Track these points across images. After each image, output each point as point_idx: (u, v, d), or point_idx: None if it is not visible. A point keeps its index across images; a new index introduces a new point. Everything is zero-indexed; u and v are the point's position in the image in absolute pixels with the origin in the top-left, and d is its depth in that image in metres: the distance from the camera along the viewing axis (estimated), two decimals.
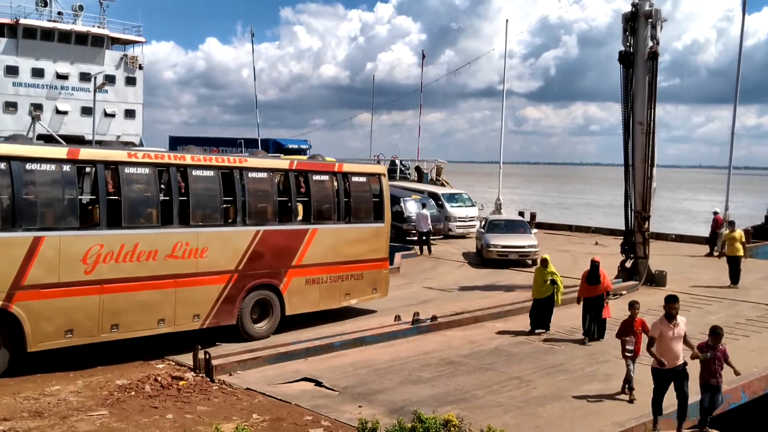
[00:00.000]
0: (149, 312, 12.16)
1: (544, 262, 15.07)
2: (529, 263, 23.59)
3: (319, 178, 14.99)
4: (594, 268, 14.33)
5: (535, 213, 38.23)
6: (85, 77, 47.38)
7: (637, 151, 20.18)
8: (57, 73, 46.96)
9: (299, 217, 14.52)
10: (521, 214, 35.50)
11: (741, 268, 20.69)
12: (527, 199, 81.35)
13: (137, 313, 12.01)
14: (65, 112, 47.24)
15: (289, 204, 14.30)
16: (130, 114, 50.63)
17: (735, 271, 20.65)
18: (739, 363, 10.00)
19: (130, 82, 50.56)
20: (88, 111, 46.74)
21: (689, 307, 16.42)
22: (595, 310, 14.30)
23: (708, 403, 9.68)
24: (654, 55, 19.73)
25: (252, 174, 13.74)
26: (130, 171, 12.05)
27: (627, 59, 20.04)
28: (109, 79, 48.76)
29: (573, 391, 11.21)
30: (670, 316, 9.65)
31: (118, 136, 47.61)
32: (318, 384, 11.26)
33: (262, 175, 14.05)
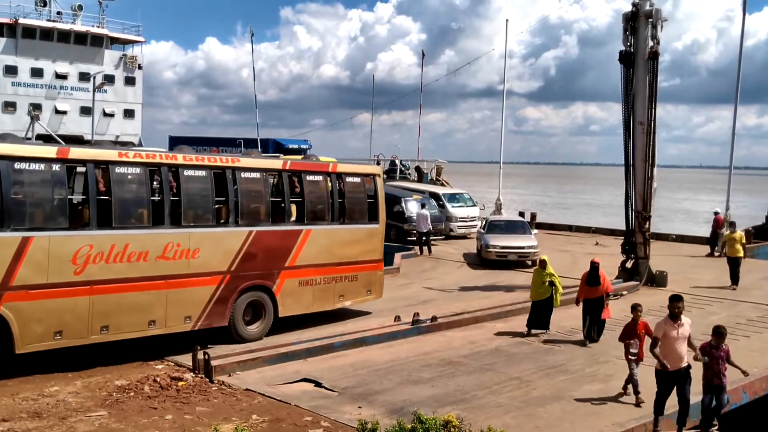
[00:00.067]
0: (140, 313, 12.01)
1: (543, 264, 15.00)
2: (529, 264, 23.49)
3: (313, 178, 14.86)
4: (594, 269, 14.20)
5: (536, 213, 38.12)
6: (84, 77, 47.45)
7: (637, 151, 20.16)
8: (56, 72, 47.02)
9: (293, 218, 14.40)
10: (521, 215, 35.46)
11: (740, 270, 20.63)
12: (527, 199, 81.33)
13: (127, 315, 11.86)
14: (64, 112, 47.28)
15: (282, 204, 14.16)
16: (129, 114, 50.68)
17: (735, 272, 20.63)
18: (739, 363, 9.94)
19: (130, 81, 50.62)
20: (87, 111, 46.79)
21: (690, 307, 16.29)
22: (595, 311, 14.19)
23: (708, 403, 9.59)
24: (654, 55, 19.71)
25: (245, 174, 13.59)
26: (121, 171, 11.91)
27: (627, 59, 20.02)
28: (109, 78, 48.84)
29: (573, 391, 11.19)
30: (674, 316, 9.52)
31: (118, 136, 47.69)
32: (318, 385, 11.23)
33: (255, 175, 13.90)
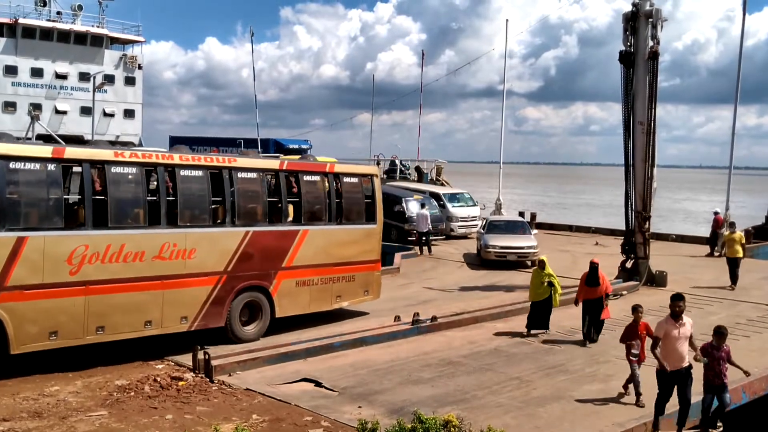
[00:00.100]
0: (136, 314, 11.95)
1: (542, 264, 14.96)
2: (529, 264, 23.45)
3: (310, 178, 14.81)
4: (593, 269, 14.13)
5: (536, 213, 38.10)
6: (84, 77, 47.46)
7: (637, 151, 20.16)
8: (56, 72, 47.03)
9: (290, 218, 14.34)
10: (521, 215, 35.45)
11: (739, 272, 20.59)
12: (527, 199, 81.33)
13: (123, 315, 11.79)
14: (64, 112, 47.30)
15: (279, 204, 14.09)
16: (129, 114, 50.69)
17: (734, 272, 20.60)
18: (739, 363, 9.90)
19: (130, 81, 50.63)
20: (87, 111, 46.81)
21: (690, 307, 16.18)
22: (595, 312, 14.14)
23: (709, 404, 9.56)
24: (654, 55, 19.71)
25: (241, 174, 13.52)
26: (117, 170, 11.84)
27: (627, 59, 20.02)
28: (109, 78, 48.85)
29: (573, 391, 11.19)
30: (675, 315, 9.48)
31: (118, 136, 47.71)
32: (318, 384, 11.23)
33: (252, 175, 13.83)
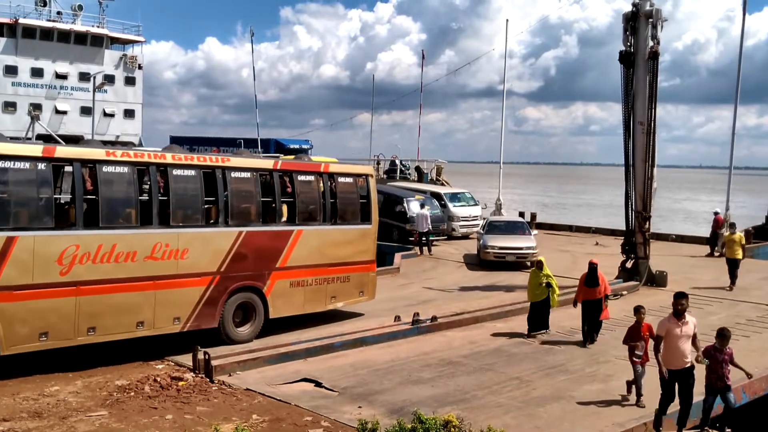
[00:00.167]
0: (127, 315, 11.86)
1: (539, 265, 14.92)
2: (528, 265, 23.42)
3: (305, 178, 14.72)
4: (592, 270, 14.07)
5: (536, 213, 38.10)
6: (84, 77, 47.47)
7: (637, 151, 20.15)
8: (56, 72, 47.04)
9: (284, 218, 14.25)
10: (521, 215, 35.47)
11: (738, 273, 20.55)
12: (527, 199, 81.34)
13: (115, 316, 11.70)
14: (64, 112, 47.30)
15: (273, 204, 13.98)
16: (129, 114, 50.70)
17: (733, 273, 20.57)
18: (739, 364, 9.91)
19: (130, 81, 50.63)
20: (87, 111, 46.83)
21: (690, 307, 16.07)
22: (594, 313, 14.08)
23: (711, 404, 9.49)
24: (654, 55, 19.70)
25: (235, 174, 13.41)
26: (108, 170, 11.72)
27: (627, 59, 20.01)
28: (109, 78, 48.86)
29: (573, 391, 11.19)
30: (678, 314, 9.44)
31: (118, 136, 47.75)
32: (318, 384, 11.24)
33: (246, 174, 13.70)
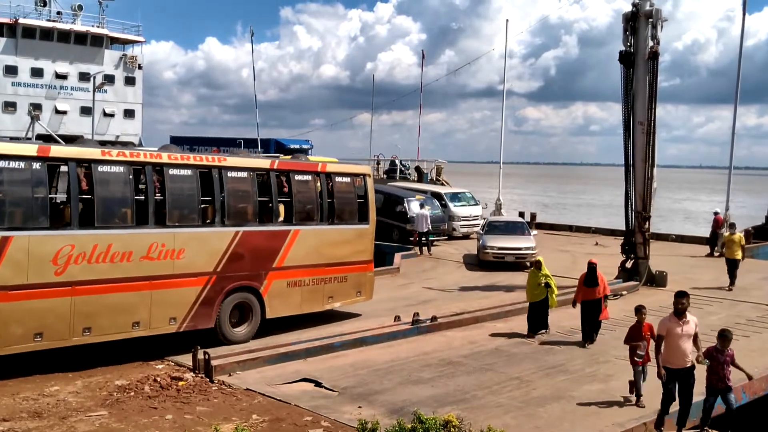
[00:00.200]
0: (123, 315, 11.80)
1: (538, 265, 14.90)
2: (528, 266, 23.42)
3: (302, 178, 14.66)
4: (591, 270, 14.04)
5: (536, 213, 38.10)
6: (84, 77, 47.47)
7: (637, 151, 20.15)
8: (56, 72, 47.03)
9: (280, 218, 14.18)
10: (521, 215, 35.47)
11: (737, 274, 20.53)
12: (527, 200, 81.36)
13: (110, 316, 11.64)
14: (64, 112, 47.30)
15: (270, 204, 13.91)
16: (129, 114, 50.70)
17: (732, 273, 20.57)
18: (740, 363, 9.90)
19: (130, 81, 50.63)
20: (87, 111, 46.83)
21: (690, 307, 16.33)
22: (593, 313, 14.05)
23: (711, 405, 9.46)
24: (654, 55, 19.70)
25: (231, 173, 13.35)
26: (104, 169, 11.67)
27: (627, 59, 20.01)
28: (109, 78, 48.86)
29: (573, 391, 11.19)
30: (678, 313, 9.40)
31: (118, 136, 47.73)
32: (318, 384, 11.23)
33: (242, 174, 13.64)
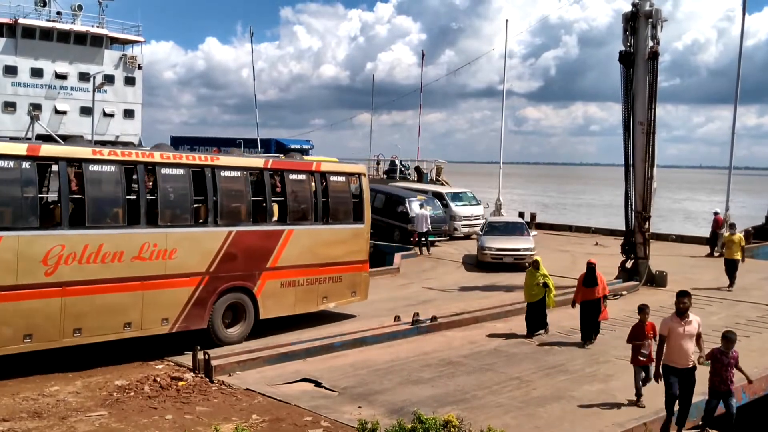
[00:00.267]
0: (114, 316, 11.71)
1: (536, 264, 14.88)
2: (527, 267, 23.35)
3: (296, 177, 14.57)
4: (590, 270, 14.00)
5: (536, 213, 38.09)
6: (84, 77, 47.45)
7: (637, 151, 20.16)
8: (56, 72, 47.02)
9: (274, 218, 14.07)
10: (521, 215, 35.47)
11: (736, 274, 20.52)
12: (527, 200, 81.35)
13: (101, 317, 11.55)
14: (64, 112, 47.29)
15: (263, 204, 13.80)
16: (129, 114, 50.70)
17: (731, 274, 20.57)
18: (740, 363, 9.91)
19: (129, 81, 50.63)
20: (87, 111, 46.81)
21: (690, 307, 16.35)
22: (593, 313, 14.01)
23: (714, 407, 9.41)
24: (654, 55, 19.71)
25: (224, 173, 13.24)
26: (95, 168, 11.58)
27: (627, 59, 20.01)
28: (108, 78, 48.84)
29: (573, 391, 11.19)
30: (681, 312, 9.36)
31: (118, 136, 47.75)
32: (318, 384, 11.24)
33: (235, 173, 13.53)
